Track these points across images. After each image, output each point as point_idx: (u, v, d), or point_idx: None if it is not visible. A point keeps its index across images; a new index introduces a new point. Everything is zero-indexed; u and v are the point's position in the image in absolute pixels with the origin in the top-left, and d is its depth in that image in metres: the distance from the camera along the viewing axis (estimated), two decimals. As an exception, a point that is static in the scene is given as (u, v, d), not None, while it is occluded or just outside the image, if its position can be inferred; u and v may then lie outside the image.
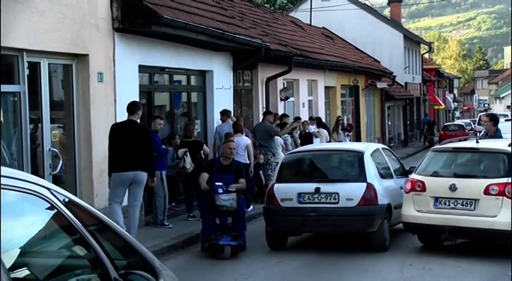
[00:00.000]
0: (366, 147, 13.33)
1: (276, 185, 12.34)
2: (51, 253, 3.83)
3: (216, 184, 11.41)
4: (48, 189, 3.64)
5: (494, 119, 14.64)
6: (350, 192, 11.71)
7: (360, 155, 12.37)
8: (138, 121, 11.79)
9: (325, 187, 11.81)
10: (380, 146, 14.62)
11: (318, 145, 18.75)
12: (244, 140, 15.88)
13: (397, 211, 11.98)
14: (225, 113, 16.82)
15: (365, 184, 11.71)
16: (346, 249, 11.81)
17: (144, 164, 11.42)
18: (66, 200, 3.74)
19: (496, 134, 14.05)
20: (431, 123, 46.88)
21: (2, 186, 3.19)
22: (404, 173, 13.12)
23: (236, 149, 13.04)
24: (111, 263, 3.79)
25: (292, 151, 15.21)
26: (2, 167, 3.31)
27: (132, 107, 11.70)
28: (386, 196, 11.86)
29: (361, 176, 11.92)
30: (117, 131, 11.50)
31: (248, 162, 15.76)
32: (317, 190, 11.77)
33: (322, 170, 12.91)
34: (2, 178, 3.24)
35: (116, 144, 11.39)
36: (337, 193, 11.68)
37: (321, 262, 11.15)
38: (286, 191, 12.08)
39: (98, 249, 3.77)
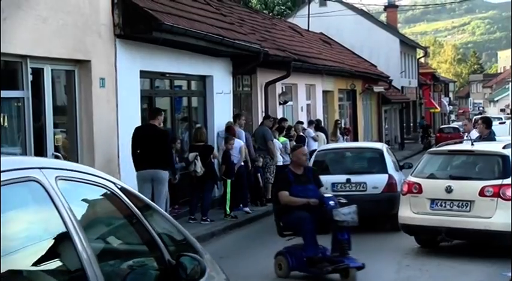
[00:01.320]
0: (381, 145, 15.79)
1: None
2: (116, 237, 4.30)
3: (327, 196, 9.69)
4: (114, 183, 4.15)
5: (487, 122, 14.81)
6: (375, 182, 13.82)
7: (380, 152, 14.67)
8: (158, 125, 12.53)
9: (355, 178, 13.93)
10: (386, 145, 16.56)
11: (342, 144, 22.02)
12: (240, 143, 16.01)
13: None
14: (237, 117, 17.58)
15: (387, 175, 13.85)
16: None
17: (163, 163, 12.28)
18: (126, 191, 4.20)
19: (490, 137, 14.08)
20: (426, 127, 46.93)
21: (87, 181, 3.88)
22: (400, 168, 15.00)
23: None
24: (164, 246, 4.19)
25: (321, 148, 16.75)
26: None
27: (152, 113, 12.89)
28: (399, 185, 13.08)
29: (383, 169, 14.04)
30: (139, 134, 12.31)
31: (243, 164, 16.04)
32: (348, 180, 13.92)
33: (351, 164, 15.08)
34: (87, 174, 3.93)
35: (137, 145, 12.24)
36: (365, 183, 13.86)
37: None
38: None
39: (153, 234, 4.19)
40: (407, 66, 48.04)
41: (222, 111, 17.09)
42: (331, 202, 9.36)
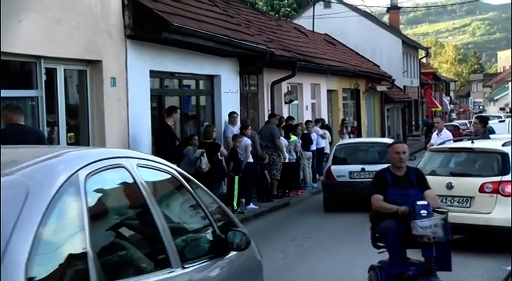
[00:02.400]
0: (390, 140, 16.68)
1: (332, 166, 16.89)
2: (178, 213, 5.10)
3: (420, 203, 7.57)
4: (175, 169, 4.97)
5: (483, 121, 14.93)
6: None
7: (389, 145, 14.08)
8: (169, 122, 13.18)
9: (368, 167, 15.92)
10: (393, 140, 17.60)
11: (357, 139, 24.22)
12: (247, 141, 16.09)
13: None
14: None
15: None
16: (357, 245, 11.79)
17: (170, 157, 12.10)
18: (183, 175, 4.98)
19: (484, 135, 14.09)
20: (431, 125, 46.71)
21: (159, 167, 4.66)
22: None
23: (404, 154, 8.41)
24: (214, 223, 4.97)
25: (339, 143, 19.33)
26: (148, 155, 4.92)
27: (167, 110, 13.50)
28: None
29: None
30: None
31: (252, 161, 16.10)
32: (362, 169, 16.36)
33: (365, 156, 17.33)
34: (156, 163, 4.71)
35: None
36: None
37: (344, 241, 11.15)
38: (340, 171, 16.65)
39: (206, 212, 4.99)
40: (409, 66, 47.97)
41: (229, 109, 17.07)
42: (423, 211, 7.50)
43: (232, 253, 4.91)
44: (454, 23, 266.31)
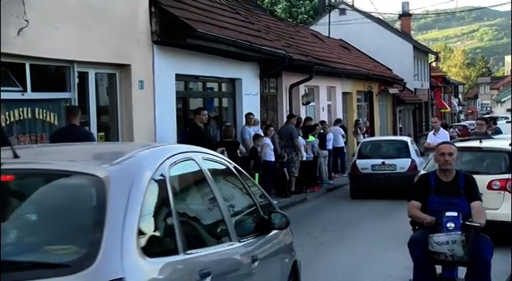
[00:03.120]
0: (407, 138, 20.53)
1: (357, 160, 18.62)
2: (233, 198, 5.67)
3: (449, 214, 6.38)
4: (229, 162, 5.86)
5: (487, 122, 15.00)
6: (402, 164, 17.99)
7: (406, 143, 19.28)
8: (198, 123, 13.41)
9: (387, 161, 18.15)
10: (410, 138, 21.51)
11: (379, 137, 27.25)
12: (266, 140, 16.18)
13: None
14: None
15: (410, 159, 18.14)
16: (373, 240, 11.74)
17: None
18: (236, 168, 5.83)
19: (485, 135, 14.08)
20: (444, 126, 46.50)
21: (217, 160, 5.50)
22: (421, 154, 19.41)
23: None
24: (259, 206, 5.75)
25: (364, 140, 21.37)
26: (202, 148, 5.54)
27: (195, 111, 13.66)
28: (420, 166, 16.29)
29: (408, 155, 18.39)
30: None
31: (273, 159, 16.16)
32: (383, 163, 18.18)
33: (385, 151, 19.07)
34: (215, 156, 5.59)
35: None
36: (395, 164, 18.00)
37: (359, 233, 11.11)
38: (364, 164, 18.34)
39: (253, 196, 5.78)
40: (419, 69, 47.71)
41: (250, 111, 17.09)
42: (449, 224, 6.31)
43: (274, 232, 5.70)
44: (462, 29, 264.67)
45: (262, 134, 16.40)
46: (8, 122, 9.26)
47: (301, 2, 50.19)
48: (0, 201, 3.91)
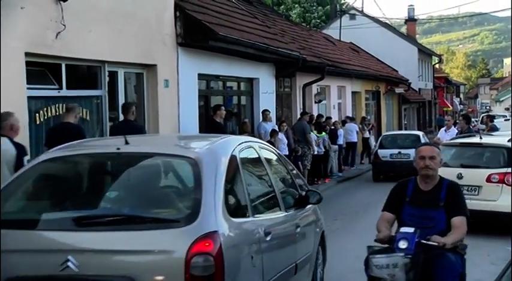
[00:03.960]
0: (419, 132, 22.62)
1: (378, 150, 20.78)
2: (280, 179, 6.48)
3: (402, 230, 5.03)
4: (276, 150, 6.99)
5: (466, 118, 15.07)
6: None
7: (418, 136, 21.59)
8: (217, 119, 13.22)
9: (403, 151, 19.96)
10: (422, 132, 23.26)
11: (395, 131, 28.64)
12: (280, 135, 16.24)
13: None
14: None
15: None
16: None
17: None
18: (280, 155, 6.87)
19: (469, 131, 14.04)
20: (442, 125, 46.32)
21: (268, 148, 6.56)
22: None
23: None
24: (297, 185, 6.66)
25: (384, 134, 23.46)
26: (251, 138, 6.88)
27: (214, 108, 13.54)
28: None
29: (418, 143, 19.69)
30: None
31: (287, 153, 16.21)
32: (399, 152, 20.14)
33: (401, 143, 20.88)
34: (267, 145, 6.74)
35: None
36: (409, 154, 18.65)
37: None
38: (384, 153, 20.42)
39: (294, 178, 6.70)
40: (423, 71, 47.49)
41: (266, 108, 17.11)
42: (402, 242, 4.88)
43: (309, 206, 6.56)
44: (464, 33, 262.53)
45: (277, 130, 16.43)
46: (45, 117, 9.36)
47: (314, 7, 50.05)
48: (126, 176, 5.20)
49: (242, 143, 5.69)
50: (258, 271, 4.89)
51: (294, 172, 6.98)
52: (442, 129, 17.33)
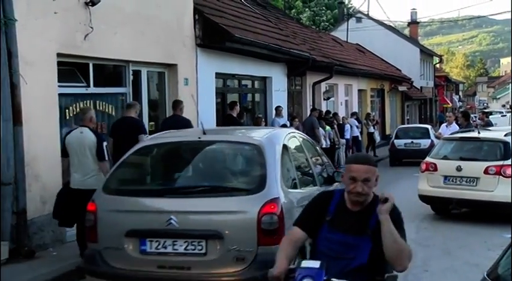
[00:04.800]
0: (428, 126, 24.96)
1: (394, 140, 23.00)
2: (313, 161, 7.35)
3: (304, 266, 3.25)
4: (309, 139, 7.95)
5: (465, 115, 15.04)
6: (424, 143, 21.83)
7: (427, 128, 23.81)
8: (233, 114, 13.15)
9: (415, 141, 22.46)
10: (430, 126, 25.66)
11: (408, 125, 31.73)
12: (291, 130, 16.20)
13: None
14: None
15: (430, 140, 21.57)
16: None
17: None
18: (312, 142, 8.02)
19: (468, 126, 13.96)
20: (443, 121, 46.14)
21: (305, 138, 7.75)
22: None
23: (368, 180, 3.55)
24: (326, 166, 7.71)
25: (399, 127, 26.31)
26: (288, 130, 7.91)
27: (230, 104, 13.49)
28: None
29: (428, 137, 22.26)
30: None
31: None
32: (412, 142, 22.45)
33: (412, 134, 23.12)
34: (302, 134, 7.87)
35: None
36: (420, 143, 22.04)
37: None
38: (399, 142, 22.78)
39: (324, 160, 7.81)
40: (425, 70, 47.25)
41: (279, 104, 17.10)
42: None
43: (335, 183, 7.13)
44: (463, 35, 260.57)
45: (288, 125, 16.40)
46: (74, 113, 9.41)
47: (323, 11, 49.88)
48: (208, 157, 6.47)
49: (289, 134, 7.00)
50: None
51: (324, 157, 7.98)
52: (444, 124, 17.26)
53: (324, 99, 22.49)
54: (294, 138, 7.03)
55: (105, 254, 5.66)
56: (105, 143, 7.82)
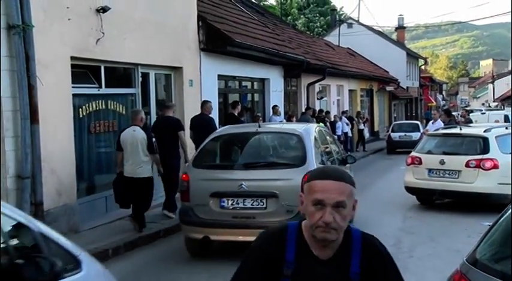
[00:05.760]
0: (418, 122, 27.63)
1: (391, 133, 25.35)
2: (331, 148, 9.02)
3: None
4: (329, 131, 10.36)
5: (447, 112, 15.06)
6: (415, 135, 23.41)
7: (418, 124, 26.45)
8: (235, 112, 12.79)
9: (407, 134, 24.64)
10: (419, 122, 27.85)
11: (402, 121, 33.45)
12: None
13: None
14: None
15: (420, 132, 22.55)
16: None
17: None
18: (330, 134, 9.90)
19: (450, 123, 13.92)
20: (430, 118, 46.19)
21: (325, 130, 10.12)
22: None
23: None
24: (340, 151, 9.43)
25: (394, 123, 28.33)
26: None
27: (232, 104, 13.19)
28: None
29: (418, 130, 24.41)
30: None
31: None
32: (405, 134, 24.72)
33: (405, 128, 25.72)
34: (325, 129, 10.05)
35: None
36: (412, 135, 24.06)
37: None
38: (395, 135, 25.04)
39: (338, 146, 9.49)
40: (411, 71, 47.19)
41: (276, 104, 17.07)
42: None
43: (347, 165, 8.83)
44: (446, 39, 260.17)
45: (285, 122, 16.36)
46: (87, 112, 9.39)
47: (317, 18, 49.84)
48: (264, 143, 8.21)
49: (316, 127, 8.67)
50: None
51: (338, 144, 9.87)
52: (431, 122, 17.26)
53: (318, 99, 22.46)
54: (320, 130, 8.69)
55: (195, 209, 7.39)
56: (153, 139, 8.69)
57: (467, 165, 10.64)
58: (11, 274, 2.75)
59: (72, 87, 8.71)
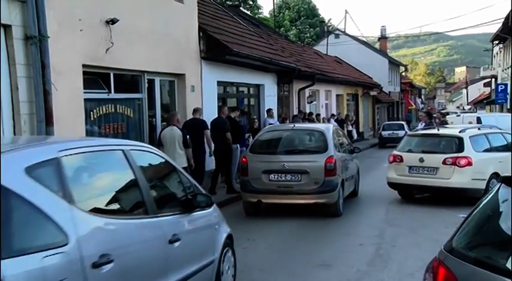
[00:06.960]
0: (403, 122, 31.59)
1: (382, 132, 28.93)
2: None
3: None
4: (339, 128, 12.21)
5: (429, 114, 15.11)
6: (401, 133, 25.23)
7: (403, 124, 29.47)
8: (233, 115, 12.73)
9: (395, 132, 28.26)
10: (405, 123, 31.29)
11: (390, 121, 35.10)
12: None
13: None
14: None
15: (405, 131, 24.85)
16: (347, 198, 11.72)
17: (235, 138, 12.54)
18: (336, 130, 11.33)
19: (430, 124, 13.94)
20: (410, 120, 46.51)
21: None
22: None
23: None
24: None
25: (384, 123, 31.23)
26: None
27: (231, 108, 13.21)
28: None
29: (403, 129, 27.46)
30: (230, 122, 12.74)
31: None
32: (393, 132, 27.95)
33: (393, 127, 29.34)
34: (337, 126, 12.55)
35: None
36: (398, 133, 27.20)
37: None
38: (385, 133, 28.35)
39: (348, 140, 11.90)
40: (393, 77, 47.27)
41: (270, 107, 17.04)
42: None
43: (354, 154, 11.25)
44: (425, 48, 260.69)
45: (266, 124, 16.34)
46: (98, 115, 9.36)
47: (307, 29, 49.93)
48: (298, 137, 10.26)
49: (334, 126, 10.93)
50: (344, 169, 10.18)
51: (347, 139, 11.82)
52: (419, 123, 17.27)
53: (308, 102, 22.46)
54: (336, 129, 10.66)
55: (251, 181, 9.67)
56: (188, 136, 9.81)
57: (444, 162, 10.66)
58: (189, 201, 4.60)
59: (84, 92, 8.68)
